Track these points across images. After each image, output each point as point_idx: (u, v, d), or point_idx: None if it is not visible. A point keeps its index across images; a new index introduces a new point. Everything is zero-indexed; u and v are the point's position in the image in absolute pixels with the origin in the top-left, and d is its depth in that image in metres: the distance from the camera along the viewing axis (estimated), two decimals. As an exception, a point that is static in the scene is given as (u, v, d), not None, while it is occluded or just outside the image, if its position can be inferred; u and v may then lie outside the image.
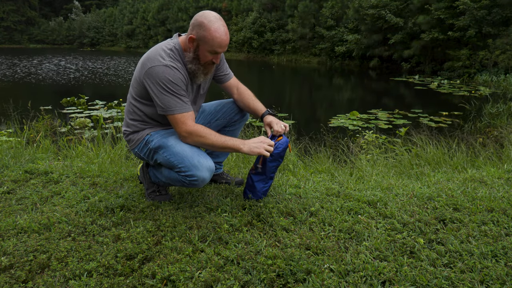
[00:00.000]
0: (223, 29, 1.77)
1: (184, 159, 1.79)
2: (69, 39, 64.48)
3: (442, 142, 4.01)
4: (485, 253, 1.50)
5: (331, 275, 1.36)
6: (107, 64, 23.37)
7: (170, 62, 1.78)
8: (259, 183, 2.00)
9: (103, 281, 1.33)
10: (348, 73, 21.54)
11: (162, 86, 1.75)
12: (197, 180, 1.79)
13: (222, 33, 1.76)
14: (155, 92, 1.78)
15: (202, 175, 1.78)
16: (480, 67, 16.77)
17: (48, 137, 4.42)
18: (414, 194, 2.12)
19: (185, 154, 1.80)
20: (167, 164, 1.87)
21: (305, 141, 4.44)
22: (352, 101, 12.06)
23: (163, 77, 1.75)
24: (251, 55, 33.98)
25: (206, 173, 1.79)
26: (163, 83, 1.75)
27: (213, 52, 1.80)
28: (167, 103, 1.77)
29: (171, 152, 1.82)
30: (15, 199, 2.07)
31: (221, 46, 1.78)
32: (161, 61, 1.77)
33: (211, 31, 1.74)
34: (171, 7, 45.07)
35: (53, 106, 8.46)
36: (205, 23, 1.75)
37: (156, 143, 1.88)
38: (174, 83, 1.77)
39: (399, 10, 20.92)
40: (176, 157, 1.81)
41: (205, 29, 1.75)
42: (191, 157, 1.78)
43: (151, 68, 1.77)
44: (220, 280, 1.33)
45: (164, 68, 1.76)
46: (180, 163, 1.79)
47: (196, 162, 1.78)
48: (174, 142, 1.85)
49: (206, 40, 1.76)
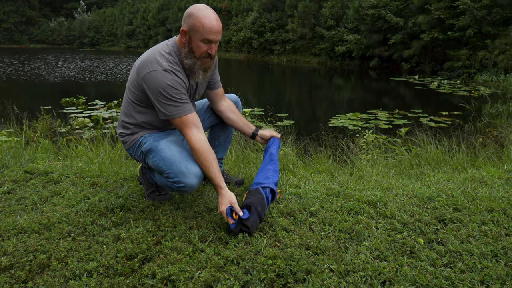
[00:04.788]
0: (213, 16, 1.72)
1: (172, 164, 1.76)
2: (69, 39, 64.51)
3: (442, 142, 4.01)
4: (485, 253, 1.50)
5: (331, 275, 1.36)
6: (107, 64, 23.37)
7: (169, 67, 1.75)
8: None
9: (103, 281, 1.33)
10: (348, 73, 21.54)
11: (162, 93, 1.72)
12: (185, 187, 1.76)
13: (211, 19, 1.71)
14: (156, 99, 1.75)
15: (189, 182, 1.75)
16: (480, 67, 16.76)
17: (48, 137, 4.42)
18: (414, 194, 2.12)
19: (173, 159, 1.76)
20: (157, 169, 1.85)
21: (305, 141, 4.44)
22: (352, 101, 12.06)
23: (163, 83, 1.71)
24: (251, 55, 33.97)
25: (194, 179, 1.76)
26: (164, 89, 1.72)
27: (205, 41, 1.73)
28: (168, 109, 1.75)
29: (160, 157, 1.80)
30: (15, 199, 2.07)
31: (212, 32, 1.71)
32: (159, 66, 1.73)
33: (200, 18, 1.70)
34: (171, 7, 45.07)
35: (53, 106, 8.46)
36: (194, 12, 1.71)
37: (147, 146, 1.86)
38: (174, 88, 1.73)
39: (399, 10, 20.91)
40: (165, 163, 1.78)
41: (194, 18, 1.71)
42: (179, 163, 1.75)
43: (149, 73, 1.73)
44: (220, 280, 1.33)
45: (163, 73, 1.72)
46: (168, 168, 1.77)
47: (183, 168, 1.74)
48: (165, 146, 1.81)
49: (196, 28, 1.71)
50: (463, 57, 17.01)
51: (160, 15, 46.88)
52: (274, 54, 32.07)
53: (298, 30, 28.53)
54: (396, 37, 20.41)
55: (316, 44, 28.02)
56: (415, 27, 19.57)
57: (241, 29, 34.40)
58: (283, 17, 31.46)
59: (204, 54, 1.77)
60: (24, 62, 23.88)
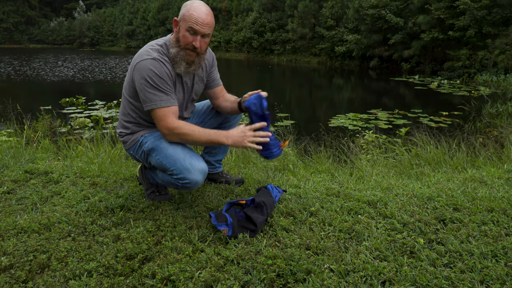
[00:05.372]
0: (203, 9, 1.74)
1: (176, 161, 1.75)
2: (69, 39, 64.52)
3: (442, 142, 4.01)
4: (485, 253, 1.50)
5: (331, 275, 1.36)
6: (107, 64, 23.36)
7: (158, 56, 1.77)
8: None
9: (103, 281, 1.33)
10: (348, 73, 21.54)
11: (146, 79, 1.74)
12: (190, 183, 1.76)
13: (200, 11, 1.73)
14: (139, 86, 1.76)
15: (194, 178, 1.75)
16: (480, 67, 16.77)
17: (48, 137, 4.42)
18: (414, 194, 2.12)
19: (177, 156, 1.76)
20: (160, 167, 1.85)
21: (305, 141, 4.44)
22: (352, 101, 12.06)
23: (148, 69, 1.74)
24: (251, 55, 33.97)
25: (199, 175, 1.76)
26: (148, 75, 1.73)
27: (190, 31, 1.74)
28: (148, 96, 1.75)
29: (163, 155, 1.80)
30: (15, 199, 2.07)
31: (197, 22, 1.71)
32: (148, 56, 1.76)
33: (189, 9, 1.74)
34: (171, 7, 45.11)
35: (53, 106, 8.46)
36: (188, 4, 1.77)
37: (149, 145, 1.86)
38: (158, 76, 1.75)
39: (399, 10, 20.92)
40: (168, 160, 1.78)
41: (186, 8, 1.75)
42: (183, 160, 1.75)
43: (139, 63, 1.77)
44: (220, 280, 1.33)
45: (150, 61, 1.75)
46: (172, 165, 1.76)
47: (188, 164, 1.74)
48: (167, 144, 1.81)
49: (184, 17, 1.74)
50: (463, 57, 17.01)
51: (160, 15, 46.91)
52: (274, 54, 32.07)
53: (298, 30, 28.54)
54: (396, 37, 20.42)
55: (316, 44, 28.03)
56: (415, 27, 19.57)
57: (241, 29, 34.41)
58: (283, 17, 31.46)
59: (189, 45, 1.77)
60: (24, 62, 23.87)
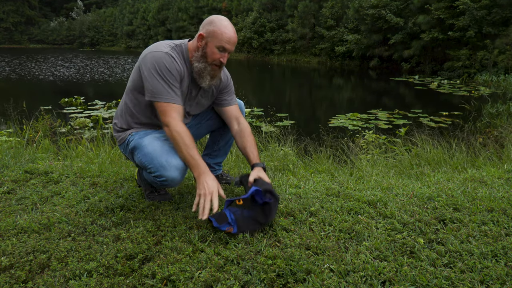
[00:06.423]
0: (232, 28, 1.81)
1: (153, 159, 1.74)
2: (69, 39, 64.53)
3: (442, 142, 4.01)
4: (485, 253, 1.50)
5: (331, 275, 1.36)
6: (107, 64, 23.36)
7: (171, 52, 1.79)
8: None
9: (103, 281, 1.33)
10: (348, 73, 21.54)
11: (156, 69, 1.74)
12: (167, 181, 1.74)
13: (231, 30, 1.79)
14: (147, 74, 1.75)
15: (170, 175, 1.72)
16: (480, 67, 16.77)
17: (48, 137, 4.42)
18: (414, 194, 2.12)
19: (154, 154, 1.75)
20: (141, 166, 1.84)
21: (305, 141, 4.44)
22: (352, 101, 12.06)
23: (160, 61, 1.75)
24: (251, 55, 33.98)
25: (175, 172, 1.73)
26: (159, 67, 1.74)
27: (221, 49, 1.79)
28: (156, 87, 1.75)
29: (143, 153, 1.79)
30: (15, 199, 2.07)
31: (230, 42, 1.79)
32: (162, 50, 1.78)
33: (221, 27, 1.77)
34: (171, 7, 45.11)
35: (53, 106, 8.46)
36: (216, 21, 1.79)
37: (132, 143, 1.86)
38: (169, 70, 1.75)
39: (399, 10, 20.93)
40: (146, 158, 1.77)
41: (215, 25, 1.78)
42: (159, 157, 1.73)
43: (151, 53, 1.78)
44: (220, 280, 1.33)
45: (163, 54, 1.76)
46: (150, 163, 1.76)
47: (163, 161, 1.72)
48: (147, 142, 1.80)
49: (215, 34, 1.77)
50: (463, 57, 17.02)
51: (160, 15, 46.92)
52: (274, 54, 32.08)
53: (298, 30, 28.55)
54: (396, 37, 20.42)
55: (316, 44, 28.04)
56: (415, 27, 19.58)
57: (241, 29, 34.41)
58: (283, 17, 31.47)
59: (216, 61, 1.82)
60: (23, 62, 23.87)
